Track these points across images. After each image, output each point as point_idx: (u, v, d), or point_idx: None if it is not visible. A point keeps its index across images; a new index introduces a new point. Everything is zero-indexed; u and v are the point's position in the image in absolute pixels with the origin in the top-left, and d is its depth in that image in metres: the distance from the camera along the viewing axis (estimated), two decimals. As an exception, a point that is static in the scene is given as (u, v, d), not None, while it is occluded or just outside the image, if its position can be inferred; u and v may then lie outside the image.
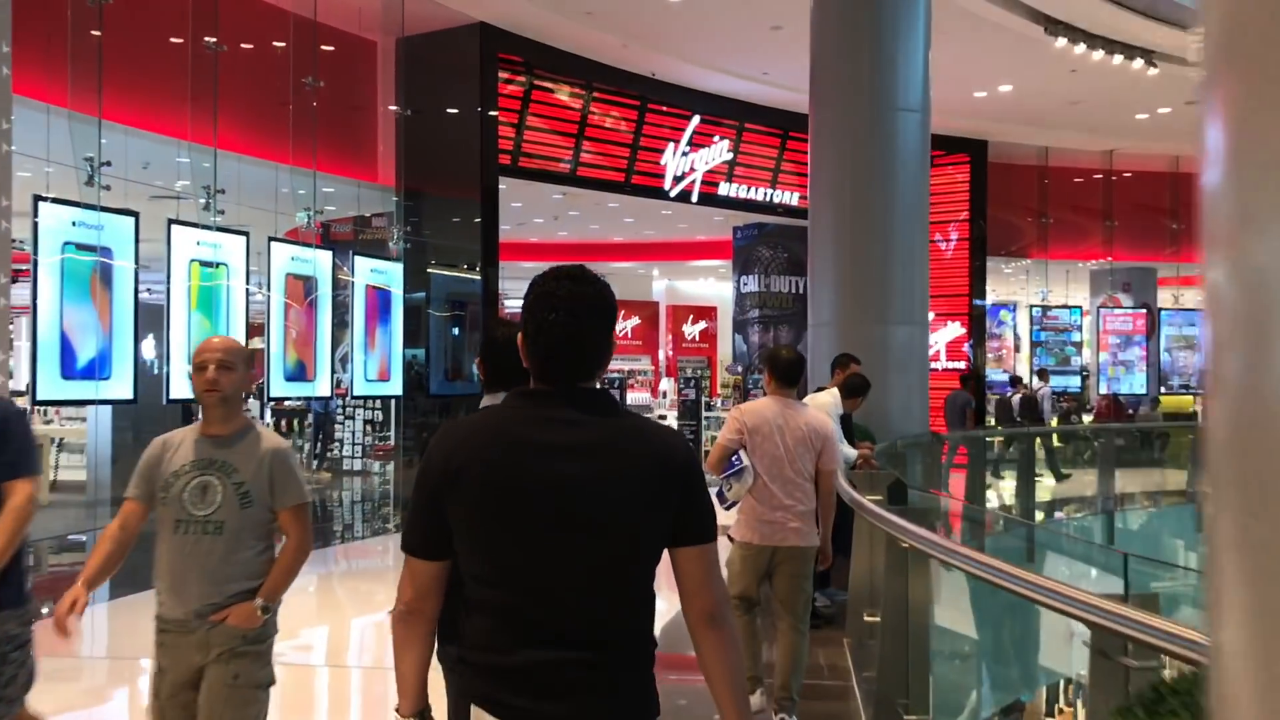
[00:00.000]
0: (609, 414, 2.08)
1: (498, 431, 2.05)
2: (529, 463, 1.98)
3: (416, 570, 2.07)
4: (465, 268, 14.18)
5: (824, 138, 10.23)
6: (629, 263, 23.60)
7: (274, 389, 11.29)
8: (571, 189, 16.01)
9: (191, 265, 10.10)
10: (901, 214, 9.89)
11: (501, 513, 1.97)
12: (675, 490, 2.03)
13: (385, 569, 10.18)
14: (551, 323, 2.03)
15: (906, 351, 9.84)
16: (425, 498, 2.05)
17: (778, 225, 19.42)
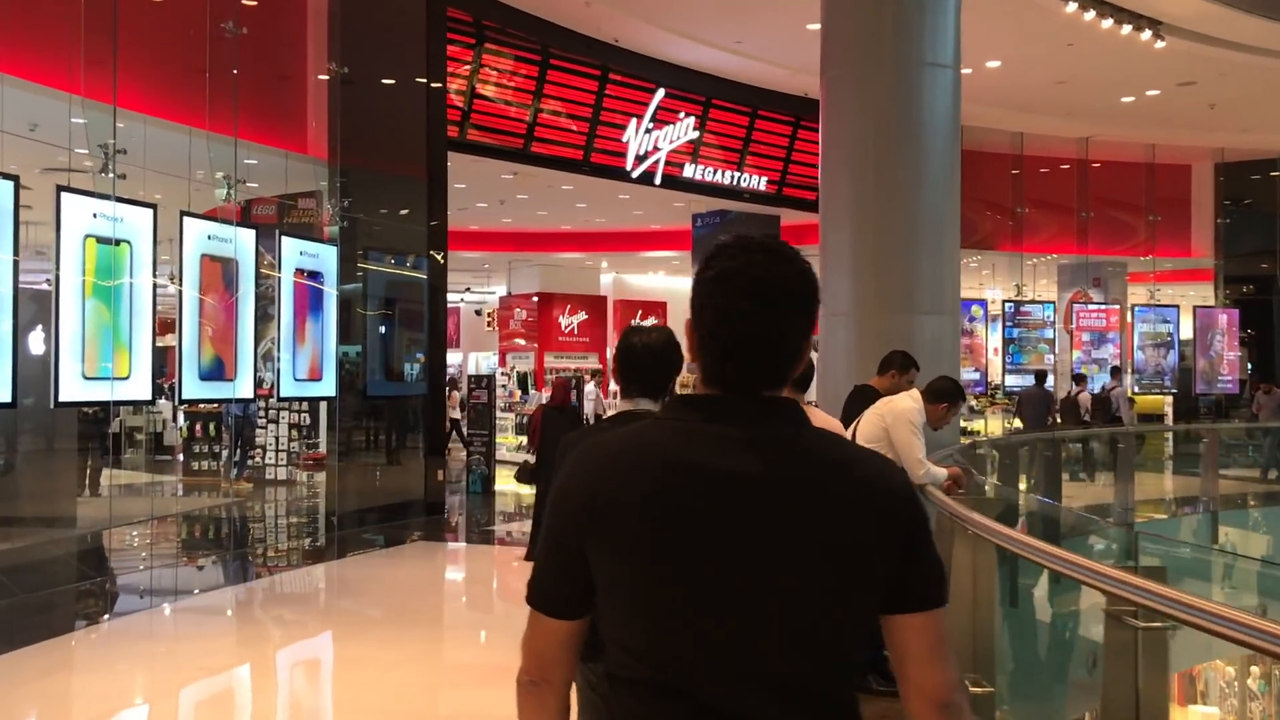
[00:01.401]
0: (801, 432, 1.58)
1: (658, 453, 1.55)
2: (701, 497, 1.51)
3: (545, 631, 1.62)
4: (409, 253, 12.56)
5: (839, 99, 8.87)
6: (576, 253, 22.08)
7: (187, 390, 9.56)
8: (525, 167, 14.48)
9: (87, 242, 8.38)
10: (930, 186, 8.55)
11: (664, 563, 1.51)
12: (896, 538, 1.55)
13: (315, 601, 8.55)
14: (741, 313, 1.53)
15: (936, 345, 8.50)
16: (559, 538, 1.59)
17: (741, 213, 18.07)
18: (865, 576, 1.53)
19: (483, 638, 7.23)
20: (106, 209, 8.46)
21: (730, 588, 1.49)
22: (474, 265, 23.21)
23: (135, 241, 8.75)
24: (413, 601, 8.29)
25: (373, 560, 9.58)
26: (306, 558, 10.29)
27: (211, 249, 9.68)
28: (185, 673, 6.28)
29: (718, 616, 1.50)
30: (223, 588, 8.65)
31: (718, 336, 1.54)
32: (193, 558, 10.43)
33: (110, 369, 8.50)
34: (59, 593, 8.07)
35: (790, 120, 16.71)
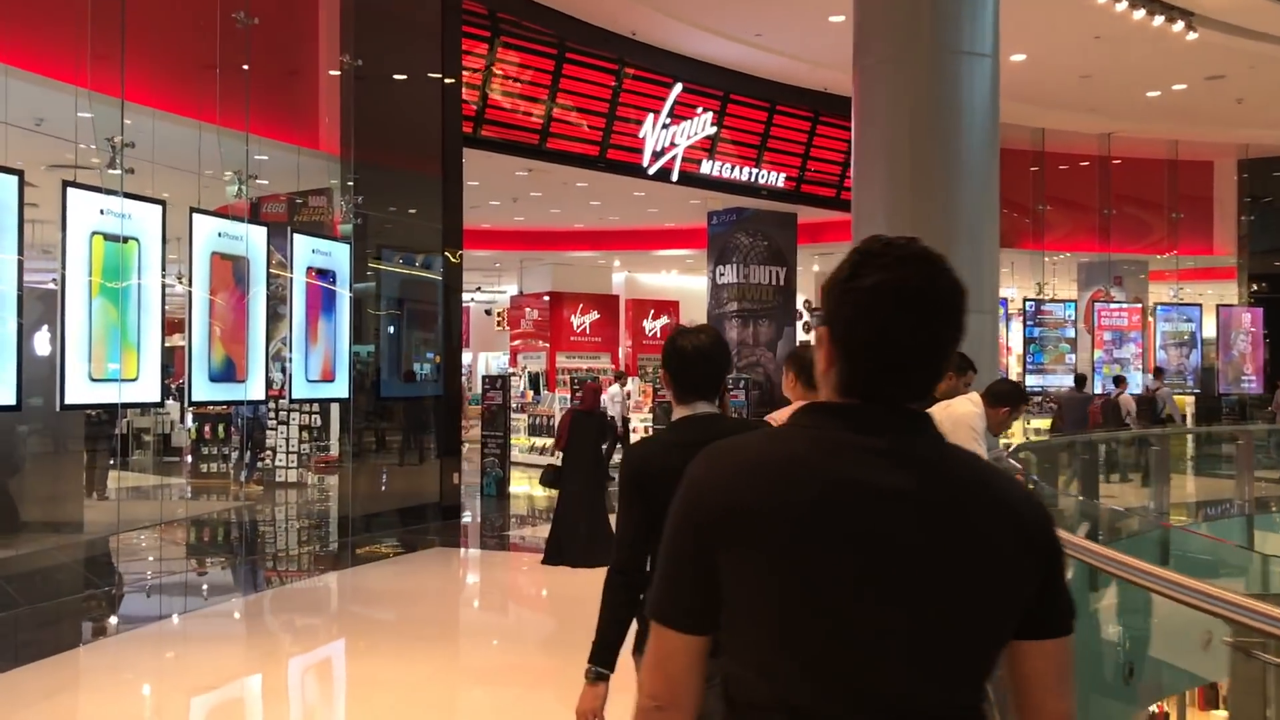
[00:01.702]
0: (944, 448, 1.53)
1: (804, 465, 1.48)
2: (854, 513, 1.45)
3: (670, 649, 1.52)
4: (422, 251, 12.27)
5: (872, 89, 8.55)
6: (589, 252, 21.77)
7: (197, 391, 9.27)
8: (539, 164, 14.18)
9: (93, 240, 8.10)
10: (968, 179, 8.25)
11: (810, 580, 1.44)
12: (1039, 562, 1.51)
13: (331, 614, 8.25)
14: (903, 327, 1.48)
15: (975, 344, 8.16)
16: (690, 546, 1.50)
17: (757, 210, 17.77)
18: (1012, 601, 1.50)
19: (508, 654, 6.92)
20: (114, 205, 8.18)
21: (878, 609, 1.44)
22: (485, 264, 22.92)
23: (143, 239, 8.47)
24: (433, 614, 7.99)
25: (389, 568, 9.27)
26: (320, 565, 10.00)
27: (222, 247, 9.40)
28: (196, 693, 5.99)
29: (862, 639, 1.45)
30: (234, 598, 8.36)
31: (875, 349, 1.49)
32: (203, 565, 10.15)
33: (118, 370, 8.22)
34: (65, 603, 7.78)
35: (809, 115, 16.40)
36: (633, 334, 23.91)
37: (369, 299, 11.85)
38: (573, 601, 8.41)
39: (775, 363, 18.03)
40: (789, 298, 18.34)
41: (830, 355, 1.53)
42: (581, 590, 9.05)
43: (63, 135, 8.79)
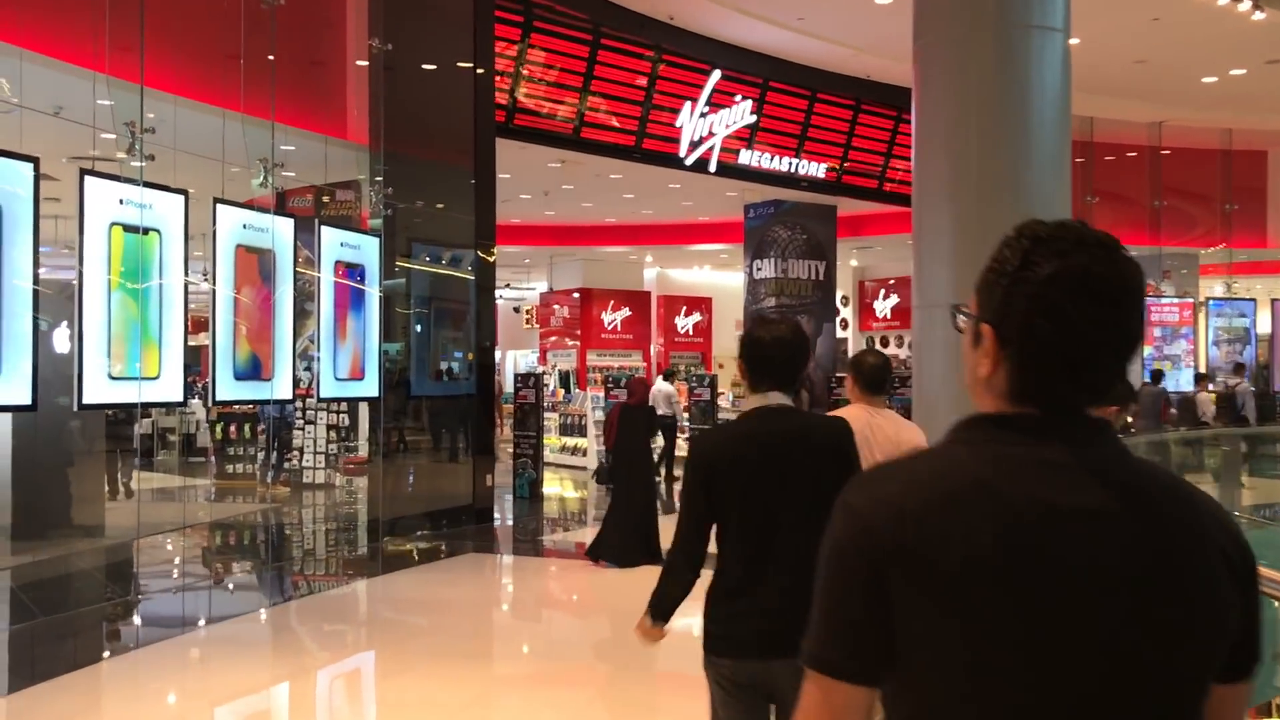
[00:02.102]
0: (1134, 461, 1.35)
1: (983, 487, 1.28)
2: (1052, 538, 1.26)
3: (836, 704, 1.32)
4: (454, 245, 11.84)
5: (934, 69, 8.01)
6: (621, 246, 21.30)
7: (221, 390, 8.86)
8: (573, 154, 13.73)
9: (113, 231, 7.70)
10: (1039, 163, 7.69)
11: (1006, 617, 1.25)
12: (1239, 591, 1.33)
13: (364, 627, 7.81)
14: (1090, 320, 1.30)
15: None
16: (860, 585, 1.30)
17: (796, 203, 17.26)
18: (1222, 639, 1.33)
19: (551, 668, 6.46)
20: (134, 194, 7.78)
21: (1086, 647, 1.28)
22: (514, 260, 22.50)
23: (165, 230, 8.08)
24: (471, 625, 7.55)
25: (423, 576, 8.82)
26: (349, 570, 9.58)
27: (247, 239, 9.00)
28: (220, 715, 5.57)
29: (1070, 683, 1.28)
30: (261, 609, 7.92)
31: (1055, 348, 1.32)
32: (227, 570, 9.75)
33: (138, 368, 7.82)
34: (84, 614, 7.38)
35: (851, 104, 15.87)
36: (664, 331, 23.43)
37: (398, 294, 11.43)
38: (617, 612, 7.94)
39: (815, 360, 17.50)
40: (828, 293, 17.82)
41: (997, 357, 1.35)
42: (624, 598, 8.57)
43: (81, 121, 8.39)
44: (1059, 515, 1.27)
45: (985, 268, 1.40)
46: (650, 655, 6.83)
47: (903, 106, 16.33)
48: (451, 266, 11.86)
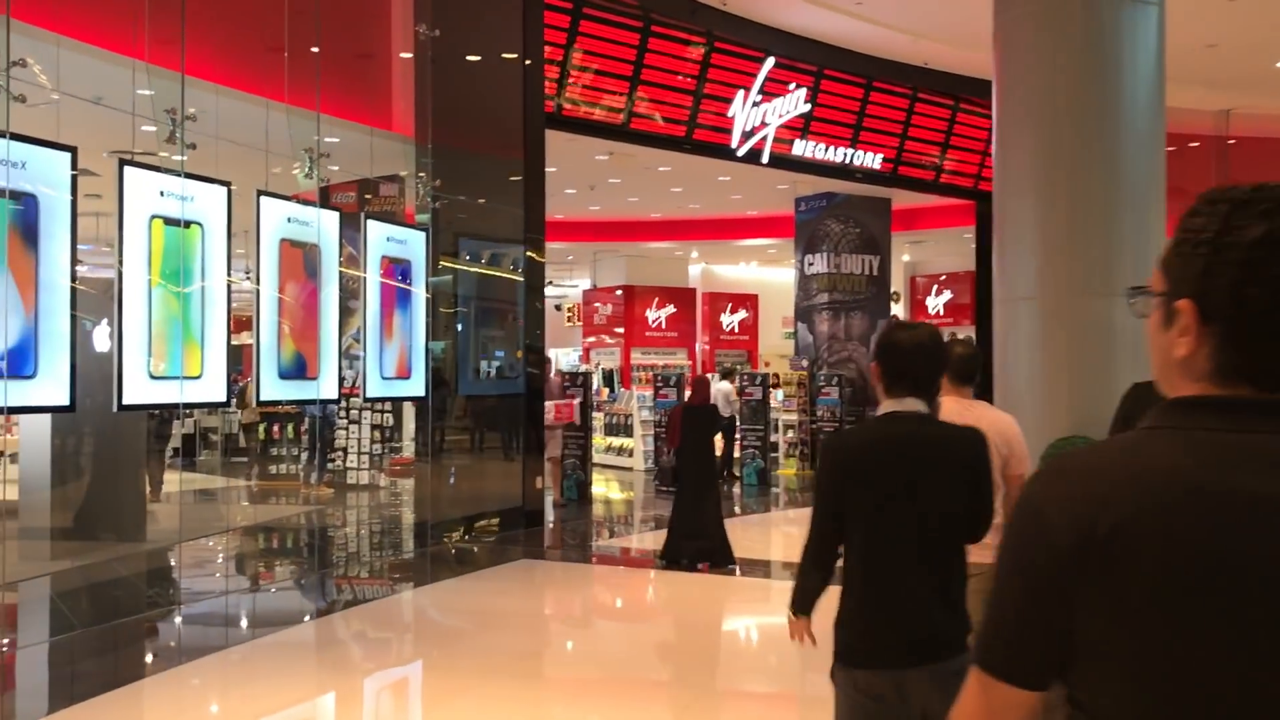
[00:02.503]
0: None
1: (1182, 476, 1.17)
2: (1253, 539, 1.13)
3: (1003, 706, 1.28)
4: (503, 240, 11.45)
5: (1019, 44, 7.52)
6: (666, 242, 20.86)
7: (265, 390, 8.52)
8: (622, 146, 13.32)
9: (153, 224, 7.37)
10: (1133, 144, 7.19)
11: (1196, 627, 1.14)
12: None
13: (416, 641, 7.43)
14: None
15: (1140, 334, 7.15)
16: (1036, 585, 1.23)
17: (849, 195, 16.76)
18: None
19: (618, 690, 6.04)
20: (175, 186, 7.44)
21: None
22: (557, 257, 22.11)
23: (207, 224, 7.74)
24: (528, 642, 7.14)
25: (474, 584, 8.42)
26: (396, 576, 9.21)
27: (291, 233, 8.66)
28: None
29: (1266, 704, 1.14)
30: (306, 621, 7.55)
31: (1271, 315, 1.19)
32: (271, 577, 9.42)
33: (180, 367, 7.49)
34: (124, 626, 7.04)
35: (907, 93, 15.33)
36: (709, 329, 22.97)
37: (445, 290, 11.07)
38: (682, 624, 7.53)
39: (869, 358, 17.00)
40: (883, 288, 17.29)
41: (1200, 334, 1.24)
42: (687, 608, 8.24)
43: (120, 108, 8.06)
44: (1265, 510, 1.14)
45: (1174, 240, 1.29)
46: (723, 671, 6.42)
47: (960, 95, 15.81)
48: (499, 262, 11.48)
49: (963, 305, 21.74)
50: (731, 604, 8.43)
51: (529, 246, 11.22)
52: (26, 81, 6.47)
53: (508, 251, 11.45)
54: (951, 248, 20.94)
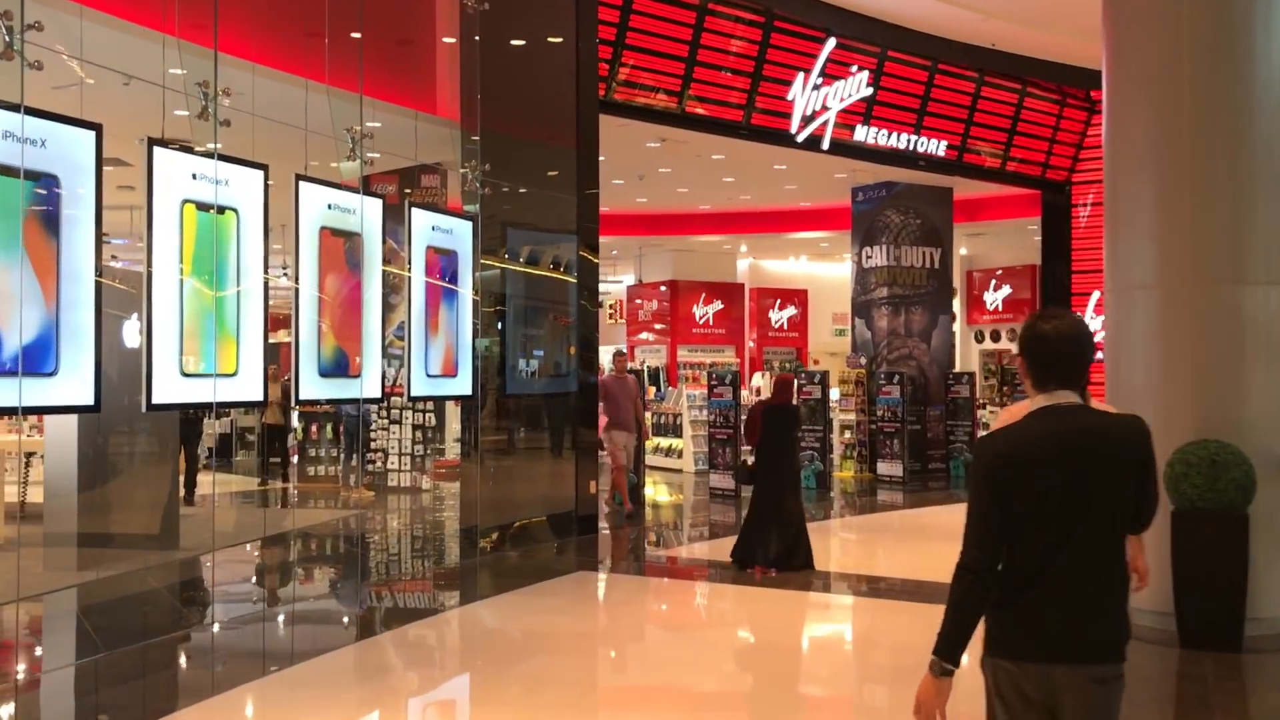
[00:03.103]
0: None
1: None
2: None
3: None
4: (554, 230, 10.83)
5: (1131, 12, 6.80)
6: (714, 235, 20.17)
7: (305, 388, 7.92)
8: (677, 132, 12.66)
9: (185, 209, 6.80)
10: (1267, 112, 6.45)
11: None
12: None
13: (471, 671, 6.79)
14: None
15: (1275, 325, 6.40)
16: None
17: (909, 185, 15.99)
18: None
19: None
20: (208, 168, 6.86)
21: None
22: (601, 252, 21.48)
23: (243, 210, 7.15)
24: (596, 668, 6.51)
25: (531, 600, 7.73)
26: (444, 590, 8.59)
27: (332, 221, 8.06)
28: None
29: None
30: (349, 645, 6.89)
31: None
32: (310, 591, 8.84)
33: (214, 363, 6.92)
34: (154, 649, 6.45)
35: (974, 75, 14.57)
36: (757, 326, 22.25)
37: (492, 283, 10.46)
38: (767, 646, 6.85)
39: (929, 355, 16.23)
40: (944, 282, 16.51)
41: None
42: (765, 627, 7.47)
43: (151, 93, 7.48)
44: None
45: None
46: (814, 696, 5.75)
47: (1028, 78, 15.02)
48: (550, 254, 10.86)
49: (1022, 300, 20.88)
50: (813, 618, 7.75)
51: (582, 237, 10.59)
52: (44, 48, 5.88)
53: (559, 243, 10.82)
54: (1011, 240, 20.10)
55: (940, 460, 15.92)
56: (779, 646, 6.90)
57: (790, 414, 8.91)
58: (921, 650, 2.62)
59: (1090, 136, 15.89)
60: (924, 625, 2.79)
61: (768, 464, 8.57)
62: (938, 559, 9.70)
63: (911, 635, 6.39)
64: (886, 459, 14.89)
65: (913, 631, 6.58)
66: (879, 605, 7.96)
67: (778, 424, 8.63)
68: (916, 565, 9.05)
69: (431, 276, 9.26)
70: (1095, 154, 15.81)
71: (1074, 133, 15.84)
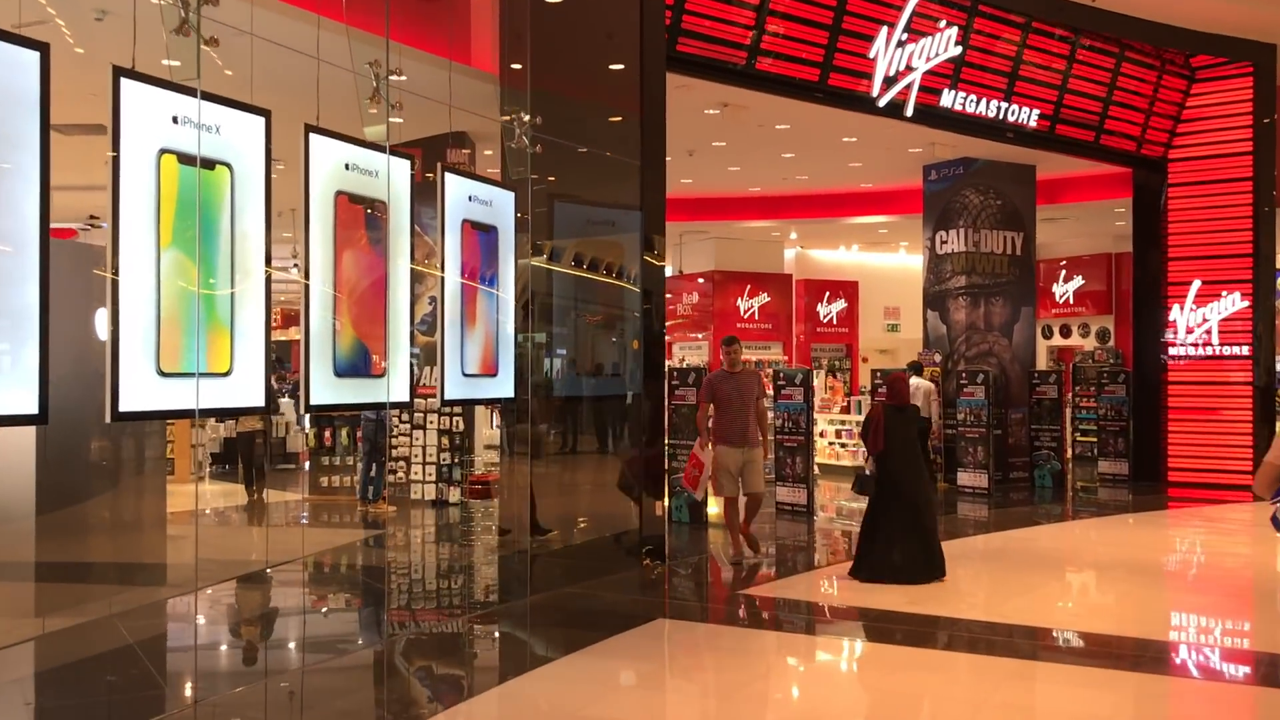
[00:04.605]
0: None
1: None
2: None
3: None
4: (610, 205, 9.23)
5: None
6: (764, 221, 18.52)
7: (318, 390, 6.30)
8: (743, 95, 11.05)
9: (163, 162, 5.24)
10: None
11: None
12: None
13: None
14: None
15: None
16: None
17: (989, 161, 14.35)
18: None
19: None
20: (191, 109, 5.29)
21: None
22: (638, 240, 19.90)
23: (238, 165, 5.58)
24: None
25: (605, 665, 6.02)
26: (491, 650, 6.95)
27: (350, 184, 6.48)
28: None
29: None
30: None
31: None
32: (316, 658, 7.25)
33: (202, 359, 5.35)
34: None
35: (1069, 36, 12.92)
36: (804, 319, 20.61)
37: (540, 267, 8.86)
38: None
39: (1011, 351, 14.58)
40: (1026, 270, 14.85)
41: None
42: (932, 694, 5.72)
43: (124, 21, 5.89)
44: None
45: None
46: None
47: (1125, 40, 13.36)
48: (608, 232, 9.26)
49: (1098, 293, 19.22)
50: (999, 687, 6.09)
51: (646, 213, 8.95)
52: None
53: (617, 219, 9.22)
54: (1088, 227, 18.43)
55: (1023, 469, 14.27)
56: None
57: (912, 414, 8.29)
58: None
59: (1189, 109, 14.21)
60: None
61: (896, 469, 7.93)
62: (1092, 598, 8.04)
63: None
64: (969, 468, 13.23)
65: None
66: (1061, 671, 6.25)
67: (902, 426, 8.03)
68: (1070, 609, 7.47)
69: (468, 256, 7.68)
70: (1194, 128, 14.15)
71: (1172, 103, 14.15)
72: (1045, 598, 7.92)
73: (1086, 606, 7.97)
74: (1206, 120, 14.13)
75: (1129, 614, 7.40)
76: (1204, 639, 6.97)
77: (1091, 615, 7.52)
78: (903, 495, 7.87)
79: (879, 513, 7.95)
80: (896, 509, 7.86)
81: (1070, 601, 8.11)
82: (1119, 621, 7.15)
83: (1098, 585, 8.54)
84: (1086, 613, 7.67)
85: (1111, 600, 8.02)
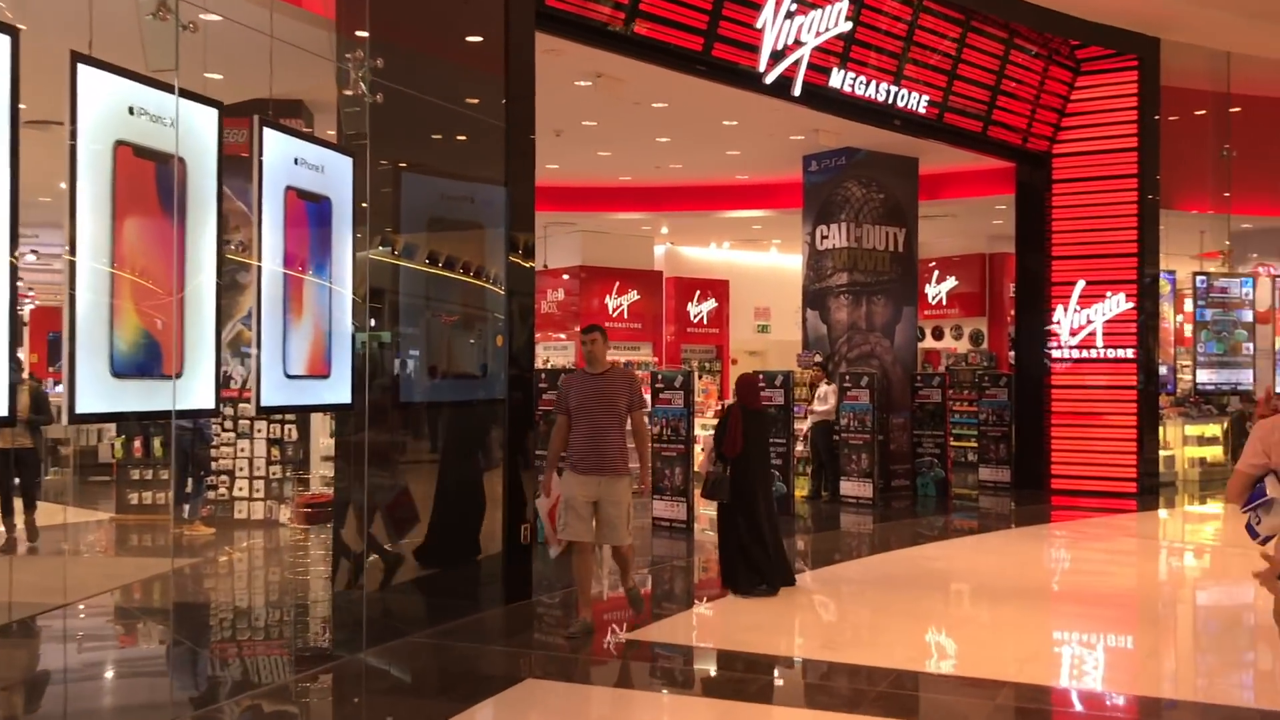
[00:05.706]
0: None
1: None
2: None
3: None
4: (467, 178, 7.94)
5: None
6: (635, 213, 17.42)
7: (87, 396, 4.85)
8: (618, 63, 9.90)
9: None
10: None
11: None
12: None
13: None
14: None
15: None
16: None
17: (870, 153, 13.57)
18: None
19: None
20: None
21: None
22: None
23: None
24: None
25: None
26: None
27: (130, 132, 5.05)
28: None
29: None
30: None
31: None
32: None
33: None
34: None
35: (960, 18, 12.20)
36: (674, 320, 19.61)
37: (382, 251, 7.51)
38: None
39: (894, 353, 13.82)
40: (909, 268, 14.12)
41: None
42: None
43: None
44: None
45: None
46: None
47: (1013, 26, 12.75)
48: (465, 209, 7.96)
49: (972, 295, 18.79)
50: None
51: (511, 187, 7.67)
52: None
53: (476, 193, 7.93)
54: (964, 225, 17.94)
55: (904, 477, 13.52)
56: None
57: (768, 418, 8.40)
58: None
59: (1074, 101, 13.71)
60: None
61: (753, 472, 7.67)
62: (1021, 635, 6.95)
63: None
64: (853, 477, 12.38)
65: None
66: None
67: (759, 429, 7.87)
68: (992, 648, 6.53)
69: (293, 232, 6.31)
70: (1079, 122, 13.66)
71: (1058, 95, 13.63)
72: (971, 628, 6.96)
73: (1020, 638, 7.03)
74: (1091, 115, 13.66)
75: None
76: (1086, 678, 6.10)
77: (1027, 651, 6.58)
78: (758, 497, 7.63)
79: (739, 514, 7.62)
80: (753, 512, 7.61)
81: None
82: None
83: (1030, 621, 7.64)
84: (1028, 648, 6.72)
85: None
